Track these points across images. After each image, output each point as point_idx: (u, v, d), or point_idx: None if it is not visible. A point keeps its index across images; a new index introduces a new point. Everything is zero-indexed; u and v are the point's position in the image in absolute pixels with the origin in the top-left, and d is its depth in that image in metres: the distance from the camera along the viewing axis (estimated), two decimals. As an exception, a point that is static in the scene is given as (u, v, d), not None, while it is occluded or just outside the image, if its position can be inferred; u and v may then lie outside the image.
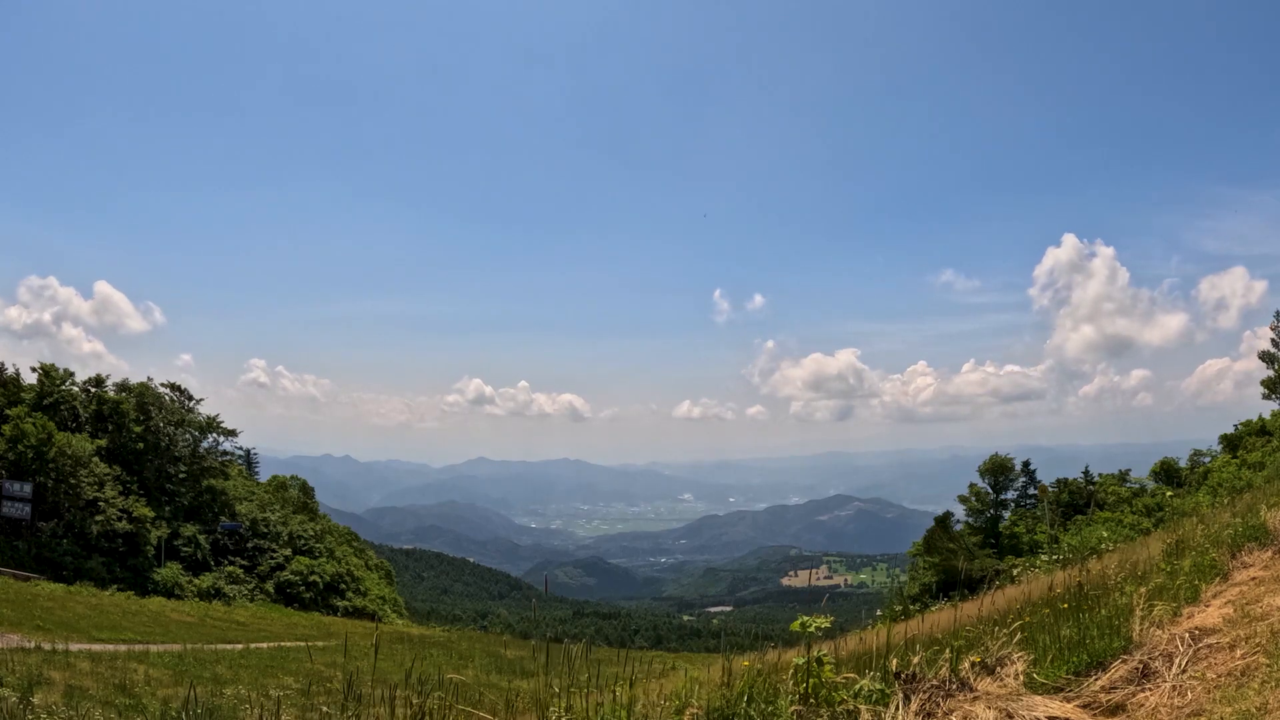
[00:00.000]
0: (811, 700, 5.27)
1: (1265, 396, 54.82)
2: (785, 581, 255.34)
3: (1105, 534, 33.40)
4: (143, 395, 59.62)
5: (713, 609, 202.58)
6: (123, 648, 21.82)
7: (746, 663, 6.00)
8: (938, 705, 5.23)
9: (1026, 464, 64.92)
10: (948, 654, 6.09)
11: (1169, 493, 51.85)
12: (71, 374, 57.54)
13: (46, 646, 18.58)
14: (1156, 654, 5.96)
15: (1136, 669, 5.78)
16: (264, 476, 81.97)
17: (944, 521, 60.77)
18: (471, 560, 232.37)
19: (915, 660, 5.88)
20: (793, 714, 5.13)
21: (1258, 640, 5.86)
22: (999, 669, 5.89)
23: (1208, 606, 7.44)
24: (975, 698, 5.28)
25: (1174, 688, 5.39)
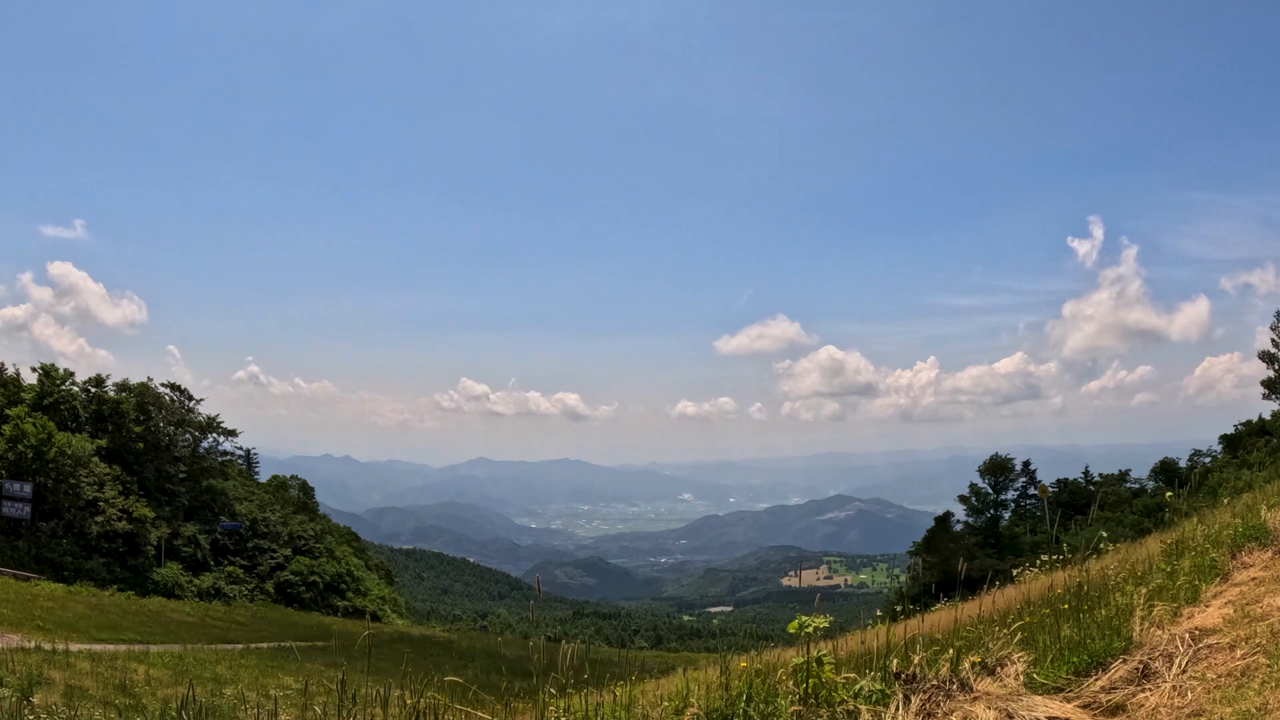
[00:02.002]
0: (811, 700, 5.27)
1: (1265, 396, 54.93)
2: (785, 582, 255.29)
3: (1105, 534, 33.33)
4: (143, 395, 59.69)
5: (713, 609, 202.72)
6: (123, 648, 21.84)
7: (745, 664, 5.99)
8: (938, 705, 5.23)
9: (1026, 464, 65.04)
10: (948, 654, 6.08)
11: (1169, 493, 51.85)
12: (71, 374, 57.67)
13: (46, 646, 18.55)
14: (1156, 654, 5.96)
15: (1136, 669, 5.78)
16: (264, 476, 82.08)
17: (944, 522, 60.90)
18: (471, 560, 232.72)
19: (916, 660, 5.87)
20: (792, 714, 5.13)
21: (1258, 640, 5.86)
22: (999, 669, 5.88)
23: (1208, 607, 7.43)
24: (975, 698, 5.28)
25: (1174, 688, 5.38)
